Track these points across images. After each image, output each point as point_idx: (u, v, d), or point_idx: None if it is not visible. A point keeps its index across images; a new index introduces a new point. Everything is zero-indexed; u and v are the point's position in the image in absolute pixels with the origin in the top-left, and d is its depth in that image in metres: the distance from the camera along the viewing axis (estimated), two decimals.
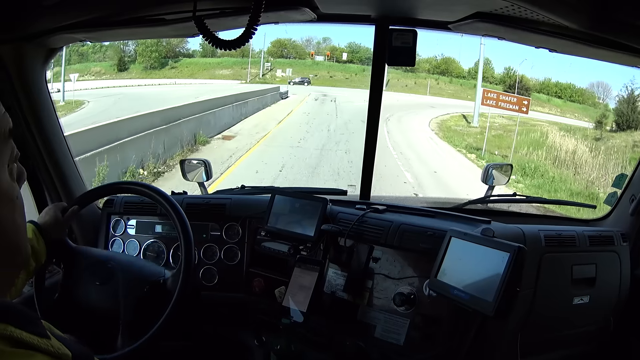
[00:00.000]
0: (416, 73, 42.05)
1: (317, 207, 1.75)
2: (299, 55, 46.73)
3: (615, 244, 1.86)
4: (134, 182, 1.61)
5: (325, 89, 38.54)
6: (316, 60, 46.48)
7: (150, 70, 40.92)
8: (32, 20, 1.48)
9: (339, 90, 37.08)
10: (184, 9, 1.44)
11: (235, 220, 1.92)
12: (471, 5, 1.49)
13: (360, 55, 46.35)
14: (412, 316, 1.57)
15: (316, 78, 43.99)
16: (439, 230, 1.59)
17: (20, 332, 0.53)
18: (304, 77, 43.55)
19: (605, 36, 1.40)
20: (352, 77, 44.65)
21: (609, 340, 1.93)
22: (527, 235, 1.71)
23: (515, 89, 34.35)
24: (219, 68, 43.71)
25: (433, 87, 40.83)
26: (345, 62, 46.15)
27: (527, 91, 35.86)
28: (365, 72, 40.97)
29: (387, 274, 1.64)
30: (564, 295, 1.78)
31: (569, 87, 38.44)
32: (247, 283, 1.88)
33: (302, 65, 45.84)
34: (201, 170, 2.25)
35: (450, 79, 41.84)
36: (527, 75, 39.49)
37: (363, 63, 45.21)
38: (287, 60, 47.02)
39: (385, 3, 1.67)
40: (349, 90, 37.48)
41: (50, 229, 1.50)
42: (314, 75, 44.25)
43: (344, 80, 43.96)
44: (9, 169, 0.62)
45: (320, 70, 45.78)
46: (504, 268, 1.32)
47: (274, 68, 45.25)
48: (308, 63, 46.20)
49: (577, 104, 36.29)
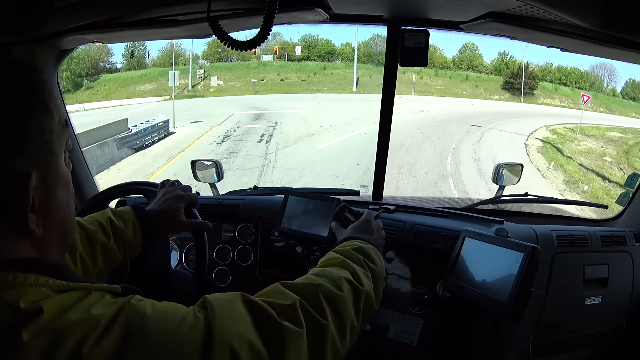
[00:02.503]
0: None
1: (331, 208, 1.74)
2: (243, 57, 35.15)
3: (628, 244, 1.86)
4: (148, 182, 1.61)
5: (271, 100, 27.14)
6: (263, 60, 35.16)
7: (65, 94, 33.92)
8: (44, 22, 1.48)
9: (291, 101, 25.98)
10: (196, 9, 1.44)
11: (248, 221, 1.92)
12: (484, 5, 1.49)
13: (319, 50, 35.84)
14: (426, 317, 1.57)
15: (263, 84, 33.26)
16: (453, 230, 1.59)
17: (75, 284, 0.62)
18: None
19: (617, 35, 1.40)
20: (310, 78, 34.16)
21: (621, 341, 1.92)
22: (540, 235, 1.71)
23: (522, 79, 31.77)
24: (142, 82, 32.12)
25: (417, 82, 32.40)
26: (300, 59, 35.47)
27: (534, 80, 32.78)
28: (327, 70, 34.42)
29: (400, 274, 1.64)
30: (576, 295, 1.77)
31: (573, 71, 33.98)
32: (261, 284, 1.86)
33: (246, 69, 34.44)
34: (212, 171, 2.24)
35: (436, 71, 33.57)
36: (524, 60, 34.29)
37: (323, 59, 35.66)
38: (227, 63, 35.27)
39: (398, 3, 1.66)
40: (310, 98, 27.64)
41: (158, 221, 1.25)
42: (261, 80, 33.50)
43: (300, 84, 33.43)
44: (65, 155, 0.71)
45: (269, 73, 34.54)
46: (518, 268, 1.32)
47: (208, 75, 33.86)
48: (253, 65, 34.63)
49: (584, 90, 30.89)
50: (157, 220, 1.24)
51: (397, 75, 1.94)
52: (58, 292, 0.59)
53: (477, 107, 26.03)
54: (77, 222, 1.13)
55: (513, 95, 32.43)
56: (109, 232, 1.16)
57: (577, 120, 21.65)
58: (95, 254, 1.11)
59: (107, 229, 1.16)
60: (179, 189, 1.32)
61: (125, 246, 1.19)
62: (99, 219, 1.18)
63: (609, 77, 32.72)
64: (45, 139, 0.65)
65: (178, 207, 1.27)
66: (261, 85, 32.85)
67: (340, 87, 32.27)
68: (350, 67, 34.03)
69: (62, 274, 0.62)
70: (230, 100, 27.52)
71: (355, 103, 24.30)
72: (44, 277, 0.59)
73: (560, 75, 33.74)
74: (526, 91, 32.45)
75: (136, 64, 33.35)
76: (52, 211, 0.67)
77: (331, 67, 34.79)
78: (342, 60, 35.76)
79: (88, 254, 1.10)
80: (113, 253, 1.16)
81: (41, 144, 0.64)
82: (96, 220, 1.17)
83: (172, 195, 1.29)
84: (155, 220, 1.24)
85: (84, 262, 1.08)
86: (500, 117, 22.34)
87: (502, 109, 25.90)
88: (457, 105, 26.52)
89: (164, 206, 1.26)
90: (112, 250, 1.16)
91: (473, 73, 33.83)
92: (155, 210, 1.25)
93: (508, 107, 27.93)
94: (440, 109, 24.23)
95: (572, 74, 33.73)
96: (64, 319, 0.56)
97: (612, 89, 32.50)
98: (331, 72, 34.37)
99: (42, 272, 0.60)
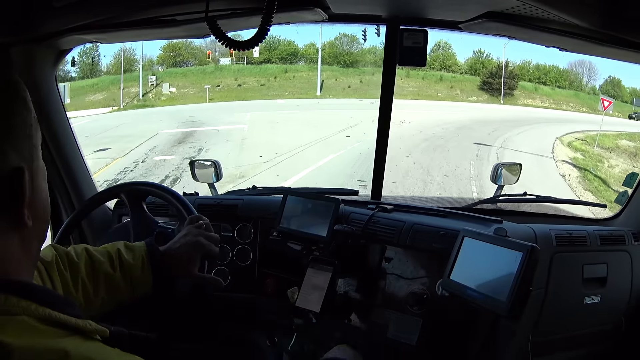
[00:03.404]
0: (360, 68, 31.50)
1: (330, 208, 1.74)
2: (200, 61, 31.87)
3: (627, 243, 1.86)
4: (147, 182, 1.61)
5: (216, 111, 23.05)
6: (220, 64, 31.72)
7: None
8: (43, 22, 1.48)
9: (240, 112, 21.88)
10: (195, 9, 1.44)
11: (247, 220, 1.92)
12: (483, 5, 1.49)
13: (281, 52, 32.24)
14: (425, 316, 1.57)
15: (218, 90, 29.95)
16: (452, 230, 1.59)
17: (58, 314, 0.59)
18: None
19: (616, 34, 1.40)
20: (270, 82, 30.91)
21: (620, 340, 1.92)
22: (538, 234, 1.71)
23: (502, 78, 29.55)
24: (92, 92, 28.14)
25: None
26: (260, 62, 32.08)
27: (514, 79, 30.51)
28: (289, 73, 31.33)
29: (399, 274, 1.64)
30: (575, 295, 1.77)
31: (552, 70, 31.82)
32: (260, 284, 1.88)
33: (201, 74, 30.94)
34: (211, 171, 2.25)
35: (407, 72, 30.19)
36: (501, 59, 31.87)
37: (285, 62, 32.24)
38: (182, 69, 31.83)
39: (396, 3, 1.67)
40: (266, 107, 24.09)
41: (170, 263, 1.19)
42: (216, 85, 30.24)
43: (258, 89, 30.27)
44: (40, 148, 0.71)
45: (226, 77, 30.95)
46: (517, 267, 1.31)
47: (161, 82, 29.93)
48: (209, 70, 31.42)
49: (565, 89, 31.11)
50: (169, 262, 1.19)
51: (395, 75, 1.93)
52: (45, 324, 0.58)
53: (466, 114, 22.34)
54: (86, 249, 1.14)
55: (492, 96, 30.38)
56: (116, 265, 1.14)
57: (580, 127, 19.84)
58: (98, 283, 1.11)
59: (114, 261, 1.15)
60: (202, 236, 1.23)
61: (132, 280, 1.15)
62: (110, 249, 1.17)
63: (588, 75, 31.71)
64: (27, 133, 0.66)
65: (194, 256, 1.21)
66: (216, 92, 29.70)
67: (303, 91, 29.80)
68: (314, 69, 31.23)
69: (63, 303, 0.62)
70: (168, 112, 23.66)
71: (323, 112, 21.73)
72: (25, 302, 0.58)
73: (539, 74, 32.08)
74: (506, 91, 30.51)
75: (89, 72, 29.65)
76: (38, 203, 0.68)
77: (293, 70, 31.98)
78: (305, 62, 32.70)
79: (90, 281, 1.09)
80: (118, 285, 1.13)
81: (24, 138, 0.65)
82: (106, 250, 1.16)
83: (193, 240, 1.22)
84: (167, 261, 1.19)
85: (86, 289, 1.08)
86: (500, 127, 19.01)
87: (494, 116, 22.83)
88: (442, 111, 22.97)
89: (180, 251, 1.20)
90: (118, 282, 1.13)
91: (447, 73, 31.44)
92: (169, 252, 1.20)
93: (497, 111, 25.20)
94: (425, 118, 20.57)
95: (551, 72, 31.98)
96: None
97: (592, 88, 31.36)
98: (293, 75, 31.62)
99: (24, 296, 0.58)
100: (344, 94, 29.65)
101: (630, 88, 29.60)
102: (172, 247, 1.21)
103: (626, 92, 29.76)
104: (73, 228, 1.60)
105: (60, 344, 0.56)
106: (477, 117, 21.72)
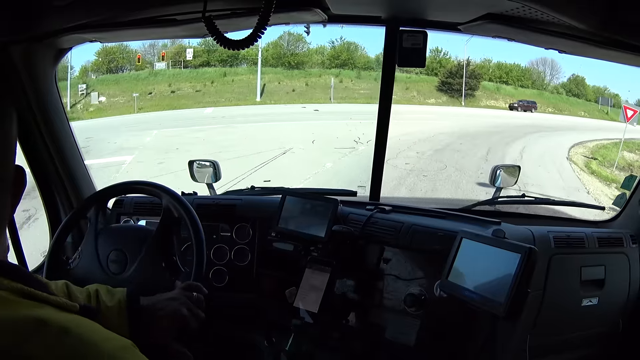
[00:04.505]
0: (306, 70, 28.11)
1: (328, 208, 1.74)
2: (136, 67, 27.93)
3: (625, 246, 1.86)
4: (146, 182, 1.60)
5: (120, 128, 17.97)
6: (156, 69, 27.93)
7: None
8: (42, 21, 1.48)
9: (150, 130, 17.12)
10: (195, 9, 1.44)
11: (245, 221, 1.92)
12: (482, 7, 1.49)
13: (221, 54, 28.32)
14: (423, 317, 1.57)
15: (150, 98, 26.24)
16: (450, 231, 1.59)
17: (29, 288, 0.59)
18: None
19: (615, 37, 1.40)
20: (207, 87, 27.44)
21: (618, 342, 1.92)
22: (537, 236, 1.71)
23: (464, 78, 27.59)
24: None
25: (336, 87, 26.18)
26: (198, 65, 28.59)
27: (476, 79, 28.47)
28: (228, 77, 28.10)
29: (397, 274, 1.64)
30: (573, 296, 1.77)
31: (514, 68, 29.95)
32: (258, 284, 1.88)
33: (134, 81, 26.97)
34: (210, 171, 2.25)
35: (358, 73, 27.59)
36: (460, 57, 29.76)
37: (225, 64, 28.82)
38: (115, 75, 27.93)
39: (396, 4, 1.67)
40: (188, 119, 19.86)
41: (146, 318, 1.15)
42: (148, 93, 26.53)
43: (193, 95, 26.73)
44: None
45: (160, 84, 27.10)
46: (515, 269, 1.32)
47: (92, 90, 26.08)
48: (143, 76, 27.50)
49: (528, 89, 29.19)
50: (146, 316, 1.15)
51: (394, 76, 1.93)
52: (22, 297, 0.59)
53: (435, 124, 18.48)
54: (66, 284, 1.13)
55: (452, 98, 28.25)
56: (93, 304, 1.13)
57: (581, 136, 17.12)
58: None
59: (91, 300, 1.13)
60: (186, 306, 1.20)
61: (108, 324, 1.12)
62: (90, 289, 1.16)
63: (551, 74, 30.37)
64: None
65: (171, 324, 1.17)
66: (147, 100, 25.79)
67: (242, 96, 26.54)
68: (256, 72, 28.06)
69: (37, 282, 0.62)
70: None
71: (256, 126, 17.38)
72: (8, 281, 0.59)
73: (501, 73, 29.88)
74: (467, 92, 28.44)
75: None
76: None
77: (232, 73, 28.75)
78: (248, 64, 29.25)
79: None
80: None
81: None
82: (87, 289, 1.16)
83: (177, 308, 1.18)
84: (145, 314, 1.15)
85: None
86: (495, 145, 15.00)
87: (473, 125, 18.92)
88: (403, 118, 15.60)
89: (160, 313, 1.16)
90: None
91: (402, 74, 27.59)
92: (149, 308, 1.17)
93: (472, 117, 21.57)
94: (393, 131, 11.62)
95: (512, 70, 30.06)
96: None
97: (556, 87, 30.08)
98: (232, 79, 28.33)
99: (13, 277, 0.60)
100: (288, 98, 26.48)
101: (594, 86, 28.92)
102: (155, 305, 1.18)
103: (590, 90, 29.06)
104: (71, 227, 1.59)
105: (36, 312, 0.57)
106: (453, 128, 17.73)
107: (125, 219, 1.98)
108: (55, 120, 1.80)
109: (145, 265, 1.43)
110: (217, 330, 1.93)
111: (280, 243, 1.85)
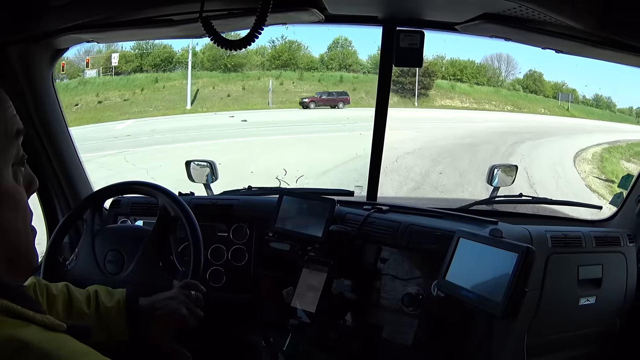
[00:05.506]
0: (244, 72, 24.56)
1: (325, 208, 1.74)
2: (70, 75, 24.15)
3: (622, 245, 1.86)
4: (143, 182, 1.60)
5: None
6: (86, 77, 24.29)
7: None
8: (39, 21, 1.49)
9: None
10: (191, 9, 1.45)
11: (242, 221, 1.92)
12: (479, 6, 1.50)
13: (154, 58, 25.00)
14: (420, 317, 1.57)
15: (76, 110, 22.31)
16: (447, 231, 1.59)
17: (16, 306, 0.56)
18: None
19: (612, 37, 1.41)
20: (136, 95, 23.85)
21: (615, 341, 1.93)
22: (534, 236, 1.71)
23: (417, 77, 24.47)
24: None
25: (275, 90, 23.16)
26: (130, 71, 24.92)
27: (430, 78, 25.84)
28: (159, 83, 24.24)
29: (395, 274, 1.64)
30: (570, 296, 1.78)
31: (468, 65, 27.28)
32: (255, 284, 1.88)
33: (64, 91, 21.98)
34: (207, 171, 2.25)
35: (300, 74, 24.77)
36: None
37: (159, 69, 24.99)
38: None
39: (393, 4, 1.67)
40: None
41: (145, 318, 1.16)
42: (74, 104, 22.48)
43: (120, 106, 23.13)
44: (14, 170, 0.62)
45: (88, 94, 23.56)
46: (512, 268, 1.32)
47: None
48: (72, 85, 23.72)
49: (484, 86, 26.87)
50: (145, 316, 1.16)
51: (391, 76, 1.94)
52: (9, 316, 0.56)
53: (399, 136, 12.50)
54: (66, 286, 1.14)
55: (404, 98, 25.09)
56: (92, 305, 1.14)
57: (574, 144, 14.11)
58: (72, 319, 1.10)
59: (91, 302, 1.14)
60: (184, 305, 1.20)
61: (108, 324, 1.13)
62: (90, 290, 1.17)
63: (507, 70, 28.05)
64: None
65: (169, 324, 1.17)
66: (72, 113, 21.50)
67: (172, 104, 23.21)
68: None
69: (25, 299, 0.59)
70: None
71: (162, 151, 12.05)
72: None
73: (455, 71, 27.33)
74: (420, 92, 25.70)
75: None
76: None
77: (165, 79, 25.00)
78: (182, 68, 25.88)
79: (65, 315, 1.10)
80: (91, 325, 1.09)
81: None
82: (87, 290, 1.17)
83: (176, 307, 1.18)
84: (144, 314, 1.16)
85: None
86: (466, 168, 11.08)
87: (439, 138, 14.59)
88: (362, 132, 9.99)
89: (159, 313, 1.17)
90: (91, 322, 1.11)
91: (348, 73, 25.52)
92: (148, 308, 1.17)
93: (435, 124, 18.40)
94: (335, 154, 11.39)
95: (467, 67, 27.52)
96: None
97: (512, 83, 27.88)
98: (164, 85, 24.65)
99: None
100: (222, 104, 23.11)
101: (552, 82, 27.07)
102: (154, 305, 1.18)
103: (548, 86, 27.32)
104: (68, 228, 1.59)
105: (20, 333, 0.54)
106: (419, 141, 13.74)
107: (122, 219, 1.98)
108: (52, 121, 1.81)
109: (142, 265, 1.43)
110: (214, 330, 1.93)
111: (277, 243, 1.86)
